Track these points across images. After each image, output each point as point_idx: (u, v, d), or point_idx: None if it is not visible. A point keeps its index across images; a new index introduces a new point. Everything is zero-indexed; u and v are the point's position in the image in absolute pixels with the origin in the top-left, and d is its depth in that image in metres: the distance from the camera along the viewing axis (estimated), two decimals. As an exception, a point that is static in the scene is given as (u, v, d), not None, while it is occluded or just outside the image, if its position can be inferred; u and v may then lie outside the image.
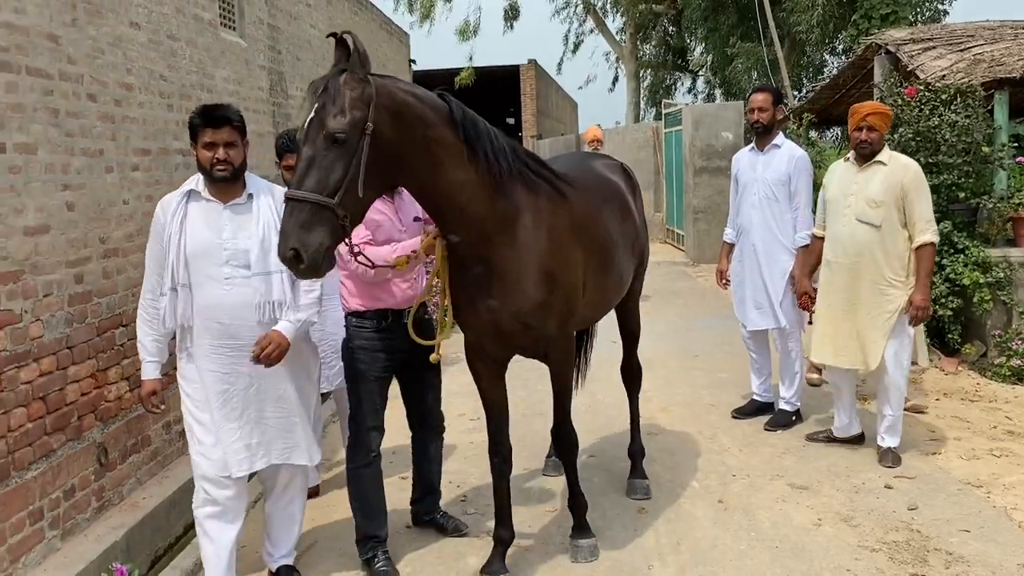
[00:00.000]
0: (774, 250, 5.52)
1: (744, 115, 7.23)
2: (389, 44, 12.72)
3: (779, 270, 5.50)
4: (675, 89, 24.69)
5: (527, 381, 6.13)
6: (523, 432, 5.24)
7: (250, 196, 3.49)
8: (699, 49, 22.91)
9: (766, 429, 5.58)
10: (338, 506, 4.52)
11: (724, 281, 5.85)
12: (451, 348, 4.43)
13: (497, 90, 31.35)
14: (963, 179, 6.88)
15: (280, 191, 3.47)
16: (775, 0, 19.61)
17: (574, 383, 4.38)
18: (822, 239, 5.15)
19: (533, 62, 29.19)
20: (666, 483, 4.75)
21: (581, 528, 3.92)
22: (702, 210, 13.92)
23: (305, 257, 2.78)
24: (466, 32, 23.35)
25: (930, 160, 6.92)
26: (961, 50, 7.96)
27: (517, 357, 3.77)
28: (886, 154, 4.89)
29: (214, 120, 3.36)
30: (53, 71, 4.14)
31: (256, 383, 3.46)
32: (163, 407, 3.70)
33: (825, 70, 21.10)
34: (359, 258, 3.42)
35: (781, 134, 5.63)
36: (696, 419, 5.84)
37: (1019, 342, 6.64)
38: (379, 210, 3.72)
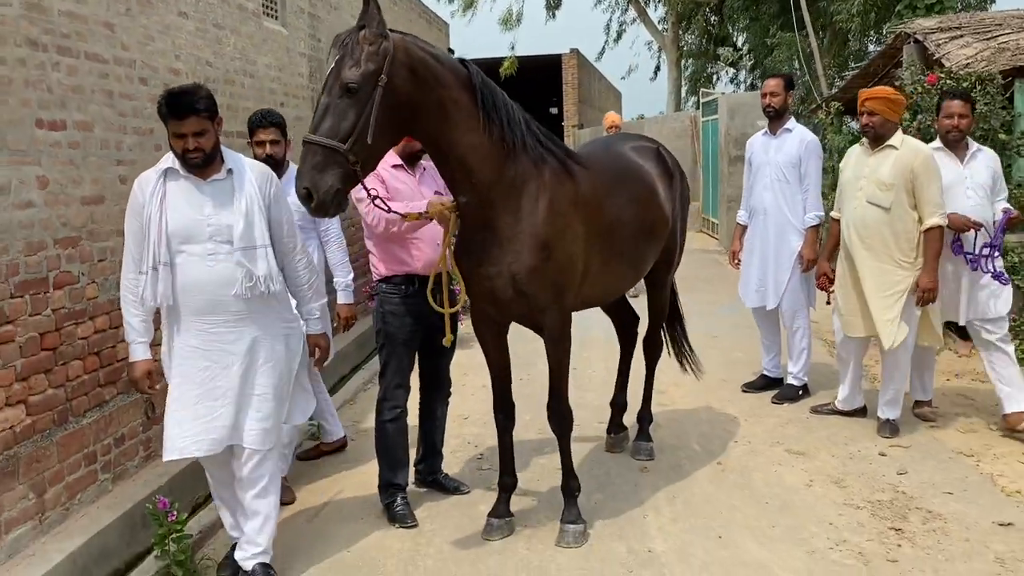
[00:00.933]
0: (785, 230, 5.74)
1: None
2: (428, 33, 13.05)
3: (788, 249, 5.73)
4: (717, 78, 24.73)
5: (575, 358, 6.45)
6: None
7: (229, 171, 3.49)
8: (741, 38, 22.90)
9: (773, 402, 5.83)
10: (364, 460, 4.87)
11: (736, 261, 6.08)
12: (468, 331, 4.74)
13: (539, 79, 31.52)
14: (980, 165, 7.01)
15: (260, 166, 3.67)
16: (816, -10, 19.59)
17: (682, 364, 5.17)
18: (839, 221, 5.34)
19: (575, 51, 29.29)
20: (669, 447, 5.04)
21: (571, 511, 3.96)
22: (736, 199, 13.96)
23: (316, 196, 3.09)
24: (509, 21, 23.58)
25: (950, 147, 7.06)
26: (988, 39, 8.06)
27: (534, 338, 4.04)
28: (898, 138, 5.06)
29: (178, 112, 3.32)
30: (108, 56, 4.53)
31: (241, 362, 3.46)
32: (158, 387, 3.66)
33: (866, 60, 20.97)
34: (376, 201, 3.60)
35: (793, 119, 5.85)
36: (707, 393, 6.10)
37: (1032, 326, 6.77)
38: (402, 180, 4.05)
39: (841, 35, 20.04)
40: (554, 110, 31.14)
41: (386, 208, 3.70)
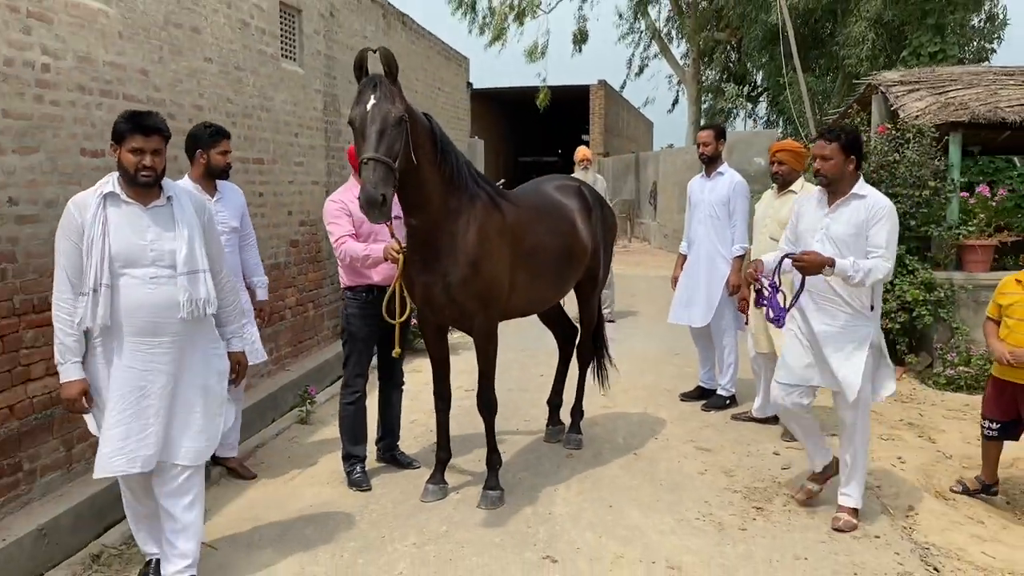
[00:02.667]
0: (715, 259, 6.59)
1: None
2: (447, 68, 14.10)
3: (718, 276, 6.56)
4: (736, 114, 25.51)
5: (523, 365, 7.37)
6: (516, 401, 6.47)
7: (169, 199, 3.63)
8: (759, 76, 23.67)
9: (703, 409, 6.65)
10: (331, 439, 5.79)
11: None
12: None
13: (569, 109, 32.54)
14: (914, 209, 7.80)
15: (194, 194, 3.99)
16: (829, 34, 20.37)
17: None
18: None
19: (603, 82, 30.31)
20: (598, 439, 5.91)
21: (491, 480, 4.85)
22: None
23: (386, 201, 3.87)
24: (534, 54, 24.65)
25: (889, 191, 7.86)
26: (939, 93, 8.83)
27: (510, 348, 4.92)
28: (799, 184, 5.94)
29: (145, 128, 3.50)
30: (143, 97, 5.54)
31: (173, 381, 3.62)
32: (91, 405, 3.65)
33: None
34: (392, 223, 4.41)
35: (725, 163, 6.73)
36: (649, 400, 6.95)
37: (954, 354, 7.51)
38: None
39: (849, 78, 20.75)
40: (586, 136, 32.10)
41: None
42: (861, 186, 4.45)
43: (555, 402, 5.97)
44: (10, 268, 4.35)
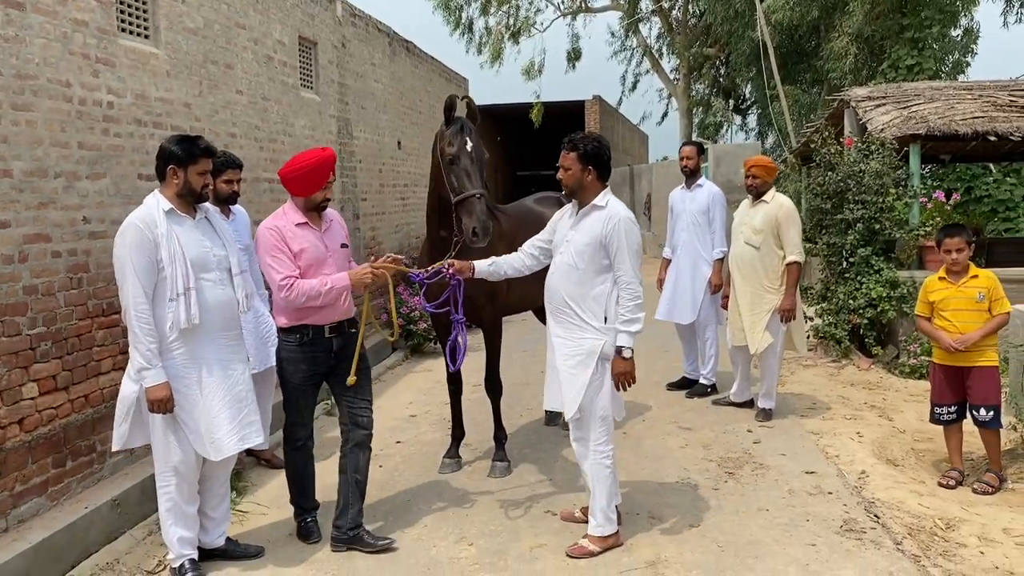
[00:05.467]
0: (698, 262, 7.33)
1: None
2: (448, 89, 14.89)
3: (701, 277, 7.30)
4: (727, 127, 26.40)
5: (524, 363, 8.11)
6: (519, 394, 7.19)
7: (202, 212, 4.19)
8: (747, 89, 24.53)
9: (687, 397, 7.39)
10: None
11: (662, 287, 7.67)
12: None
13: (565, 125, 33.28)
14: (878, 214, 8.56)
15: (212, 209, 4.33)
16: (814, 48, 21.20)
17: None
18: None
19: (598, 98, 31.10)
20: (592, 423, 6.64)
21: (499, 453, 5.60)
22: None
23: (490, 229, 4.84)
24: (531, 71, 25.54)
25: (856, 198, 8.64)
26: (903, 107, 9.62)
27: (512, 348, 5.65)
28: (771, 195, 6.70)
29: (209, 152, 4.11)
30: (187, 127, 6.31)
31: (245, 371, 4.21)
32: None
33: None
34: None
35: (703, 176, 7.49)
36: (638, 390, 7.61)
37: (915, 346, 8.24)
38: (306, 240, 4.32)
39: (834, 90, 21.58)
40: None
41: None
42: (603, 196, 4.33)
43: None
44: (85, 277, 5.10)
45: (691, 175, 7.46)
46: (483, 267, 4.69)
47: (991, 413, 5.16)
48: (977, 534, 4.50)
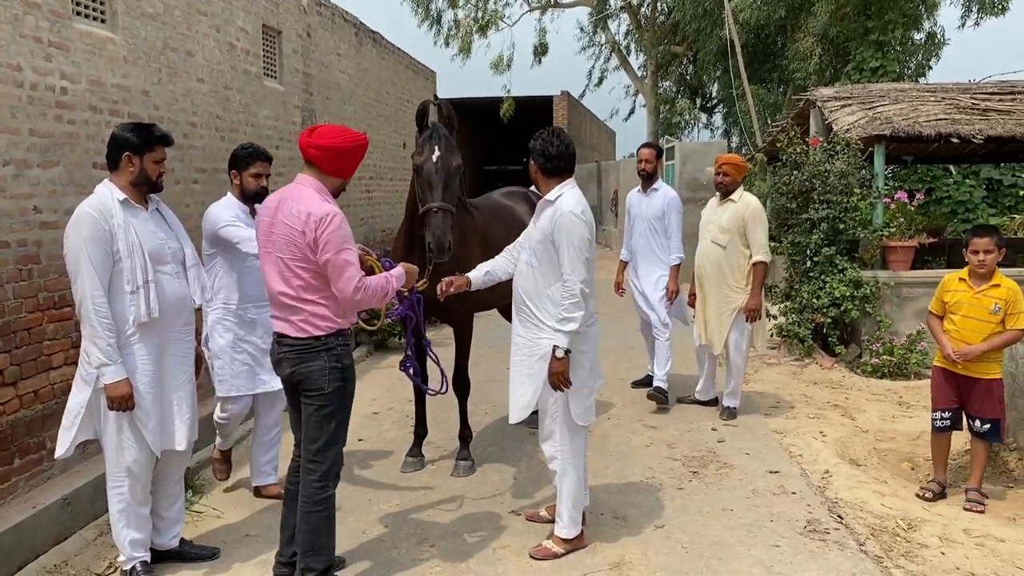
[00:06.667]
0: (654, 265, 7.20)
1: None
2: (415, 82, 14.76)
3: (654, 278, 7.15)
4: (695, 124, 26.48)
5: (490, 359, 8.05)
6: (485, 391, 7.10)
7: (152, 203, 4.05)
8: (714, 88, 24.63)
9: (647, 398, 7.32)
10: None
11: (620, 291, 7.56)
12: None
13: (533, 120, 33.27)
14: (843, 214, 8.60)
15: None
16: (780, 48, 21.36)
17: None
18: None
19: (566, 93, 31.10)
20: (557, 421, 6.58)
21: (463, 451, 5.52)
22: (686, 236, 15.64)
23: (449, 246, 4.61)
24: (500, 65, 25.43)
25: (821, 198, 8.68)
26: (868, 108, 9.68)
27: (478, 344, 5.55)
28: (738, 194, 6.66)
29: (166, 140, 4.00)
30: (144, 115, 6.13)
31: (191, 366, 4.17)
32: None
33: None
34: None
35: (660, 180, 7.39)
36: (604, 387, 7.61)
37: (878, 345, 8.31)
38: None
39: (799, 90, 21.75)
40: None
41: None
42: (557, 191, 4.20)
43: None
44: (36, 268, 4.94)
45: (648, 178, 7.25)
46: (478, 277, 4.50)
47: (987, 426, 4.95)
48: (939, 535, 4.51)
